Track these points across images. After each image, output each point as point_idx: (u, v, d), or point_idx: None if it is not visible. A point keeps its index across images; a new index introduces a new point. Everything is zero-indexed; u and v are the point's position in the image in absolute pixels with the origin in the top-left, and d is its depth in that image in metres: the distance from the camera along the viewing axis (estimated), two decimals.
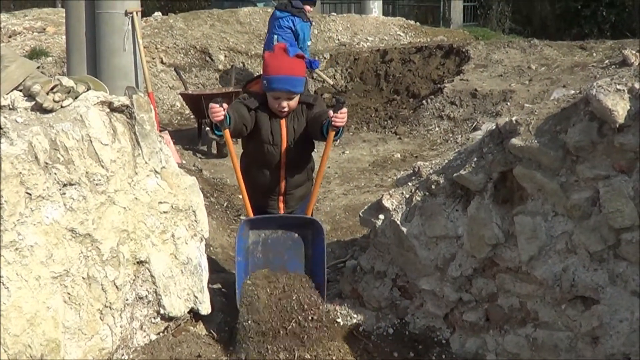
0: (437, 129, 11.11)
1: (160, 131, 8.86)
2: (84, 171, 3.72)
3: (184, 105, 12.11)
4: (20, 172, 3.39)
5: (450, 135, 10.79)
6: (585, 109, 3.65)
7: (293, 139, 4.94)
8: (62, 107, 3.80)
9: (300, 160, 5.07)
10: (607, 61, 10.95)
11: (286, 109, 4.86)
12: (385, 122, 11.86)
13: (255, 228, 4.84)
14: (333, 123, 4.61)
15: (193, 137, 10.99)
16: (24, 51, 14.05)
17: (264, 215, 4.99)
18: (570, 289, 3.82)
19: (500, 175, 4.06)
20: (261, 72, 5.03)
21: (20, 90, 3.84)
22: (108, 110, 3.99)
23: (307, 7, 12.18)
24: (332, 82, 13.52)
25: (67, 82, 3.92)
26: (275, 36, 11.81)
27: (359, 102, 12.69)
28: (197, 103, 10.51)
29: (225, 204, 7.96)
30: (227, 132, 4.67)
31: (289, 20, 11.86)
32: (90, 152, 3.77)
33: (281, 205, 5.12)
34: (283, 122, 4.92)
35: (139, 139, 4.10)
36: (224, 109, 4.58)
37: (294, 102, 4.88)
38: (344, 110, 4.63)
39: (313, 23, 13.47)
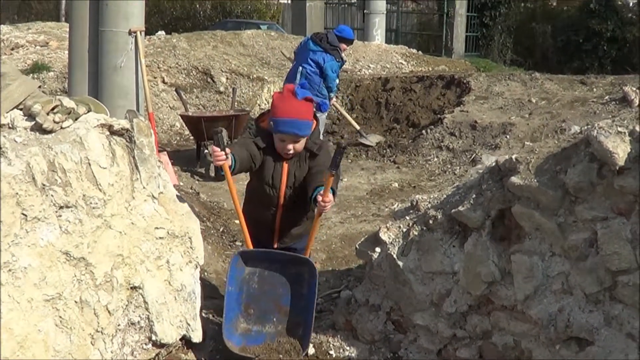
0: (435, 159, 11.13)
1: (159, 151, 8.87)
2: (81, 194, 3.70)
3: (184, 125, 12.11)
4: (17, 193, 3.37)
5: (449, 166, 10.80)
6: (585, 150, 3.65)
7: (293, 184, 4.93)
8: (62, 128, 3.78)
9: (297, 203, 5.02)
10: (607, 97, 10.99)
11: (292, 152, 4.82)
12: (384, 151, 11.87)
13: (252, 259, 4.81)
14: (319, 208, 4.61)
15: (192, 158, 11.00)
16: (26, 65, 14.07)
17: (260, 249, 4.96)
18: (565, 330, 3.80)
19: (498, 212, 4.05)
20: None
21: (21, 109, 3.82)
22: (108, 133, 3.97)
23: (344, 46, 11.71)
24: (357, 127, 12.65)
25: (68, 102, 3.90)
26: (301, 68, 11.40)
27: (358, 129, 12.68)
28: (197, 125, 10.53)
29: (221, 229, 7.93)
30: (227, 170, 4.61)
31: (320, 56, 11.34)
32: (88, 175, 3.75)
33: (275, 238, 5.11)
34: (285, 165, 4.90)
35: (137, 163, 4.08)
36: (227, 153, 4.54)
37: (300, 145, 4.84)
38: (331, 198, 4.58)
39: (346, 61, 12.93)
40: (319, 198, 4.56)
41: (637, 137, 3.45)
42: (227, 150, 4.56)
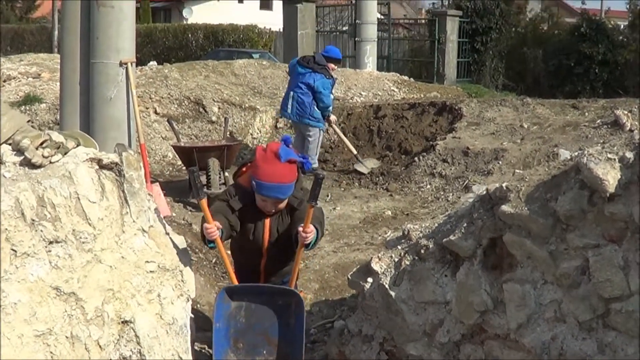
0: (428, 186, 11.10)
1: (152, 182, 8.85)
2: (71, 229, 3.69)
3: (176, 156, 12.08)
4: (6, 229, 3.35)
5: (442, 193, 10.77)
6: (575, 177, 3.65)
7: (275, 239, 4.98)
8: (51, 162, 3.77)
9: (281, 254, 5.08)
10: (599, 121, 10.98)
11: (273, 211, 4.91)
12: (377, 179, 11.84)
13: (237, 294, 4.81)
14: (301, 240, 4.65)
15: (184, 189, 10.91)
16: (18, 97, 14.04)
17: (245, 284, 4.98)
18: (558, 358, 3.78)
19: (489, 241, 4.04)
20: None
21: (10, 144, 3.81)
22: (97, 167, 3.96)
23: (332, 65, 11.80)
24: (355, 152, 12.54)
25: (56, 137, 3.90)
26: (292, 93, 11.53)
27: (351, 157, 12.66)
28: (189, 155, 10.50)
29: (213, 260, 7.89)
30: (219, 242, 4.71)
31: (310, 77, 11.40)
32: (77, 210, 3.74)
33: (262, 279, 5.15)
34: (267, 222, 4.97)
35: (127, 197, 4.07)
36: (218, 228, 4.63)
37: (282, 204, 4.92)
38: (312, 229, 4.67)
39: (337, 79, 12.90)
40: (300, 229, 4.61)
41: (627, 163, 3.45)
42: (217, 224, 4.66)
